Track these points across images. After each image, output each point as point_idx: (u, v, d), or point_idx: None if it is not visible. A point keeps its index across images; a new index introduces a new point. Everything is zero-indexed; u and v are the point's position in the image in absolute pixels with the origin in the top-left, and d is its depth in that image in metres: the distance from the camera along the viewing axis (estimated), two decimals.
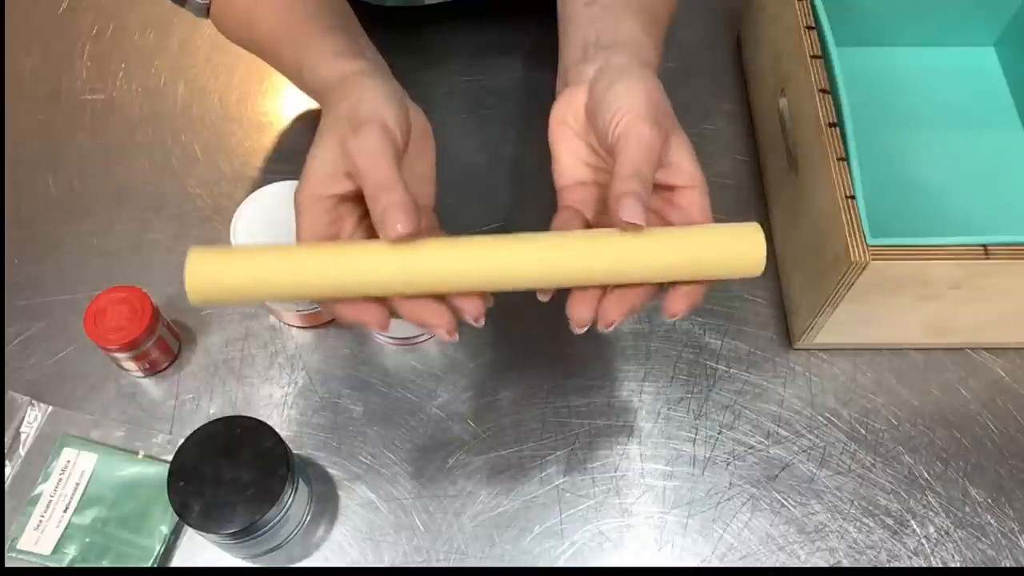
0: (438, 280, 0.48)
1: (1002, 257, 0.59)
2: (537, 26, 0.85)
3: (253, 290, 0.48)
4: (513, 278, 0.48)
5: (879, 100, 0.79)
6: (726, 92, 0.84)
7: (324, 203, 0.49)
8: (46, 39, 0.86)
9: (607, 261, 0.48)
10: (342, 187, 0.49)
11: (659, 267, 0.49)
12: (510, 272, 0.48)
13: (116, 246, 0.74)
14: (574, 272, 0.48)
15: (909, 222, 0.71)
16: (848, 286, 0.61)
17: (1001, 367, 0.70)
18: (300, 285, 0.48)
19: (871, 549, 0.63)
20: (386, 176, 0.47)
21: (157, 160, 0.78)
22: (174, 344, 0.68)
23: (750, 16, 0.83)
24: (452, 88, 0.83)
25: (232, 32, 0.68)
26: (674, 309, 0.50)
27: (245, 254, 0.48)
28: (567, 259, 0.48)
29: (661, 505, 0.64)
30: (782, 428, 0.67)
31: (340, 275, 0.47)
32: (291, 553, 0.62)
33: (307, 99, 0.64)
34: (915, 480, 0.66)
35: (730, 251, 0.49)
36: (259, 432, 0.58)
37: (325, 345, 0.70)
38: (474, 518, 0.63)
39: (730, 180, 0.78)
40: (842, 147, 0.62)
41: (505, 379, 0.68)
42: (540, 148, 0.56)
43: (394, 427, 0.66)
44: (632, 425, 0.67)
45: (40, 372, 0.68)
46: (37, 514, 0.62)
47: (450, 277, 0.48)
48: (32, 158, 0.78)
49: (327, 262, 0.47)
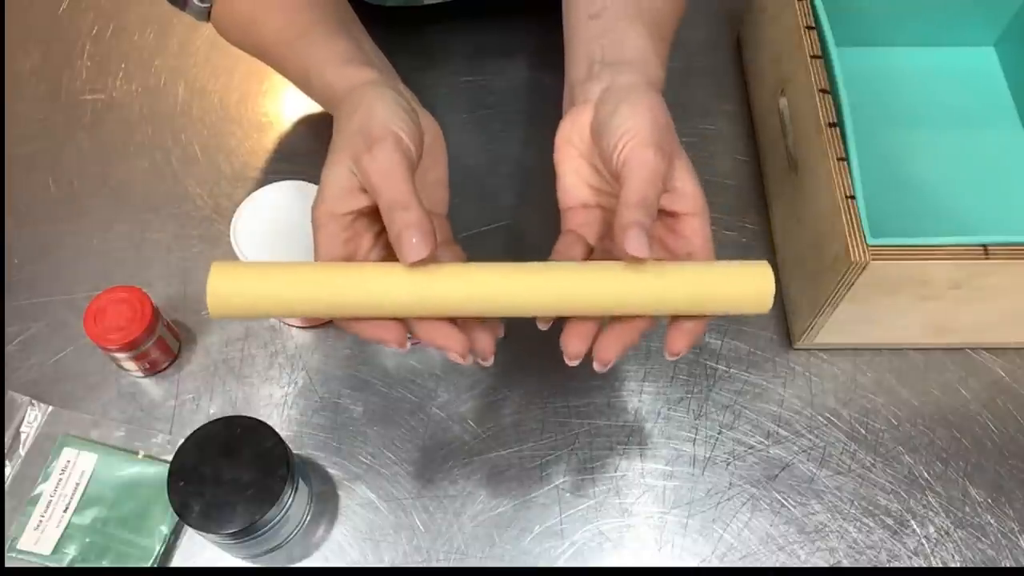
0: (451, 306, 0.48)
1: (1002, 257, 0.59)
2: (537, 26, 0.85)
3: (272, 307, 0.49)
4: (525, 307, 0.49)
5: (879, 100, 0.79)
6: (726, 92, 0.84)
7: (341, 220, 0.49)
8: (46, 39, 0.86)
9: (617, 296, 0.49)
10: (358, 203, 0.49)
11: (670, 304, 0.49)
12: (523, 301, 0.49)
13: (116, 246, 0.74)
14: (583, 304, 0.49)
15: (909, 222, 0.71)
16: (848, 286, 0.61)
17: (1001, 367, 0.70)
18: (319, 305, 0.48)
19: (871, 549, 0.63)
20: (401, 193, 0.47)
21: (157, 160, 0.78)
22: (174, 344, 0.68)
23: (750, 16, 0.83)
24: (452, 88, 0.83)
25: (234, 36, 0.68)
26: (675, 348, 0.50)
27: (266, 272, 0.49)
28: (578, 291, 0.49)
29: (661, 505, 0.64)
30: (782, 428, 0.67)
31: (357, 297, 0.48)
32: (291, 553, 0.62)
33: (307, 100, 0.64)
34: (915, 480, 0.66)
35: (739, 290, 0.49)
36: (259, 432, 0.58)
37: (325, 345, 0.70)
38: (474, 518, 0.63)
39: (730, 180, 0.78)
40: (842, 147, 0.62)
41: (505, 379, 0.68)
42: (540, 148, 0.56)
43: (394, 427, 0.66)
44: (632, 425, 0.67)
45: (40, 372, 0.68)
46: (37, 514, 0.62)
47: (463, 303, 0.48)
48: (32, 158, 0.78)
49: (345, 283, 0.48)
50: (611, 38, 0.57)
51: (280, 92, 0.82)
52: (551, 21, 0.63)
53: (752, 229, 0.76)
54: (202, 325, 0.70)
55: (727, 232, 0.75)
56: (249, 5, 0.65)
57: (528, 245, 0.74)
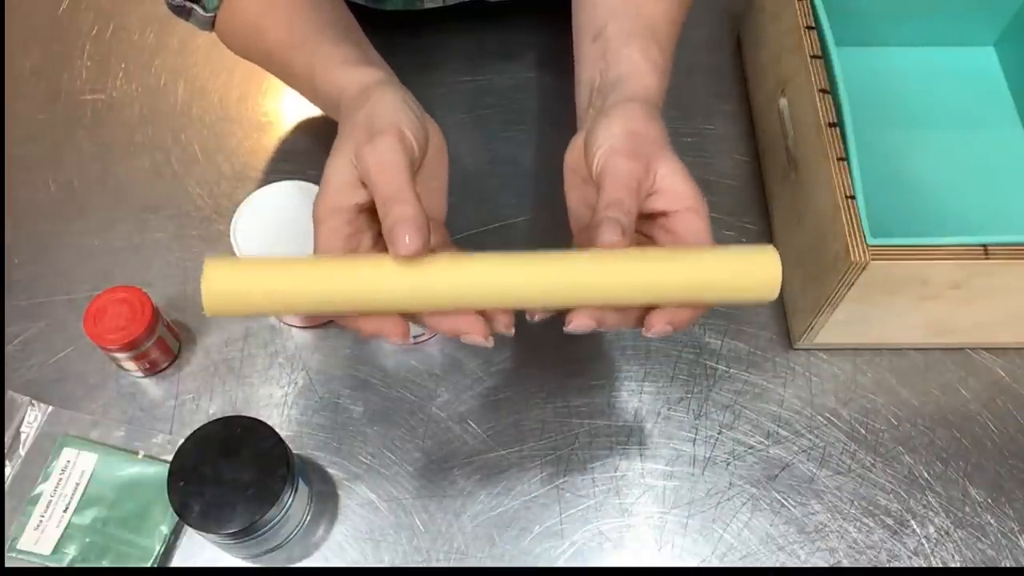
0: (451, 296, 0.48)
1: (1002, 257, 0.59)
2: (537, 27, 0.85)
3: (269, 305, 0.48)
4: (527, 298, 0.48)
5: (879, 100, 0.79)
6: (726, 92, 0.84)
7: (343, 215, 0.48)
8: (46, 39, 0.86)
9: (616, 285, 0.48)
10: (359, 197, 0.48)
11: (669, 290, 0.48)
12: (526, 292, 0.48)
13: (116, 246, 0.74)
14: (584, 294, 0.48)
15: (909, 222, 0.71)
16: (848, 286, 0.61)
17: (1001, 367, 0.70)
18: (316, 302, 0.48)
19: (871, 549, 0.63)
20: (399, 187, 0.46)
21: (157, 160, 0.78)
22: (174, 344, 0.68)
23: (750, 16, 0.83)
24: (451, 89, 0.83)
25: (238, 44, 0.68)
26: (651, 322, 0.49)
27: (262, 267, 0.48)
28: (578, 280, 0.48)
29: (661, 505, 0.64)
30: (782, 428, 0.67)
31: (353, 290, 0.47)
32: (291, 553, 0.62)
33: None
34: (915, 480, 0.66)
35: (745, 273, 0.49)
36: (259, 432, 0.58)
37: (325, 345, 0.70)
38: (474, 518, 0.63)
39: (730, 180, 0.78)
40: (842, 147, 0.62)
41: (505, 379, 0.68)
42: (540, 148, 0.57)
43: (394, 427, 0.66)
44: (632, 425, 0.67)
45: (40, 372, 0.68)
46: (37, 514, 0.62)
47: (462, 294, 0.48)
48: (32, 158, 0.78)
49: (342, 279, 0.47)
50: (608, 59, 0.58)
51: (280, 92, 0.82)
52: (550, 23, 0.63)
53: (752, 229, 0.76)
54: (202, 325, 0.70)
55: (727, 232, 0.75)
56: (253, 13, 0.64)
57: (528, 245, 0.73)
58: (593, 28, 0.60)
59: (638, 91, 0.55)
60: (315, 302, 0.48)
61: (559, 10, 0.65)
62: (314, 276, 0.47)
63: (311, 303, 0.48)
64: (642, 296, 0.49)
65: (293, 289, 0.47)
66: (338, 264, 0.48)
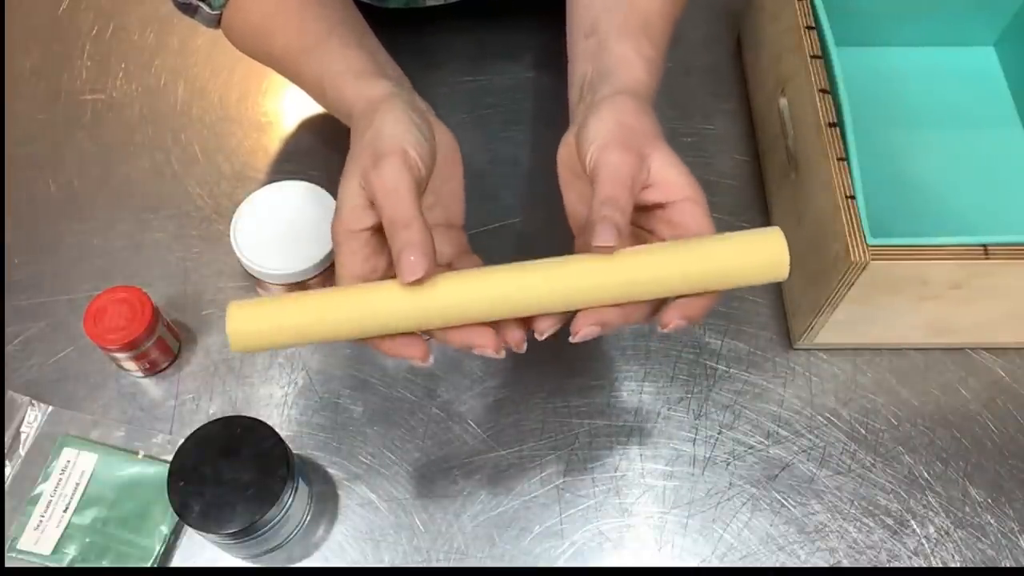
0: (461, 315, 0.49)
1: (1002, 257, 0.59)
2: (538, 27, 0.85)
3: (289, 339, 0.50)
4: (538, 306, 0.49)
5: (879, 100, 0.79)
6: (726, 92, 0.84)
7: (359, 237, 0.49)
8: (46, 39, 0.86)
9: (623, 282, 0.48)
10: (371, 219, 0.49)
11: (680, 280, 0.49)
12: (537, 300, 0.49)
13: (116, 246, 0.74)
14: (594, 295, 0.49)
15: (909, 222, 0.71)
16: (848, 286, 0.61)
17: (1001, 367, 0.70)
18: (331, 332, 0.49)
19: (871, 549, 0.63)
20: (404, 211, 0.47)
21: (157, 160, 0.78)
22: (174, 344, 0.68)
23: (750, 16, 0.83)
24: (453, 88, 0.83)
25: (245, 45, 0.67)
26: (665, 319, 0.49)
27: (279, 306, 0.49)
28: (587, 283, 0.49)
29: (661, 505, 0.64)
30: (782, 428, 0.67)
31: (368, 319, 0.49)
32: (291, 553, 0.62)
33: (308, 99, 0.64)
34: (915, 480, 0.66)
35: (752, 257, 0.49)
36: (259, 432, 0.58)
37: (325, 345, 0.70)
38: (474, 518, 0.63)
39: (730, 180, 0.78)
40: (842, 147, 0.62)
41: (505, 379, 0.68)
42: (541, 148, 0.57)
43: (394, 427, 0.66)
44: (632, 425, 0.67)
45: (40, 372, 0.68)
46: (37, 514, 0.62)
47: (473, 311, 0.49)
48: (32, 158, 0.78)
49: (354, 308, 0.49)
50: (599, 54, 0.58)
51: (280, 92, 0.82)
52: (551, 23, 0.63)
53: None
54: (202, 325, 0.70)
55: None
56: (260, 15, 0.64)
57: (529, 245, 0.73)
58: (586, 25, 0.60)
59: (628, 84, 0.55)
60: (331, 333, 0.49)
61: (560, 11, 0.65)
62: (327, 308, 0.49)
63: (328, 334, 0.49)
64: (654, 291, 0.49)
65: (309, 322, 0.49)
66: (349, 294, 0.49)
